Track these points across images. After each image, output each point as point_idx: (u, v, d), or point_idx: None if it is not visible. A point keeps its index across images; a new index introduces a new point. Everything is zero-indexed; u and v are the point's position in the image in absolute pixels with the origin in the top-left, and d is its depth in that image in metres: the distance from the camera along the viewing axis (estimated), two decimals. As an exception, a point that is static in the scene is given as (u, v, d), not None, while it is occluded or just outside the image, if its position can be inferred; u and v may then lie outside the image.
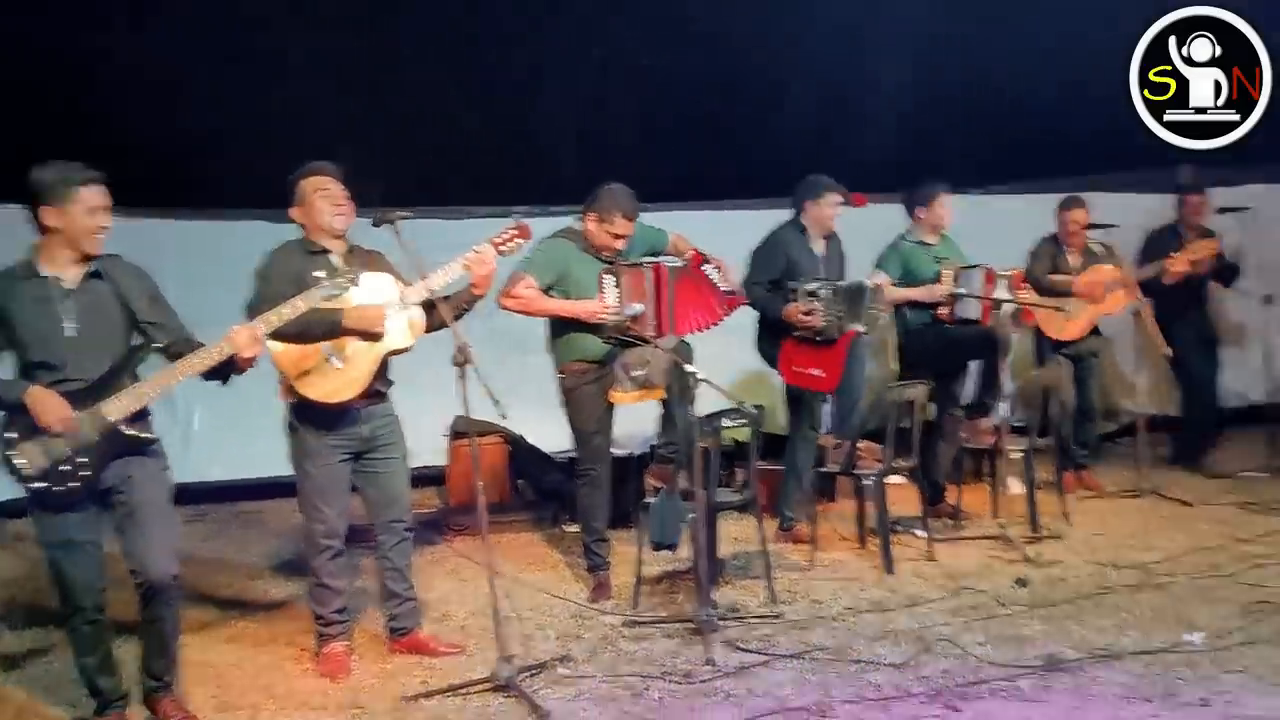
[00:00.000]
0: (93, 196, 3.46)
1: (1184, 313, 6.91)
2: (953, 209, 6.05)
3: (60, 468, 3.38)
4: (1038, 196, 7.39)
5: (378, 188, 5.01)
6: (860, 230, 6.32)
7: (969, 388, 6.06)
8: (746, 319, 5.60)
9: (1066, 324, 6.51)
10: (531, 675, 3.93)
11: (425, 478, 7.02)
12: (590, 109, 8.01)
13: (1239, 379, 8.04)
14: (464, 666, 4.10)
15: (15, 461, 3.36)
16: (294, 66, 6.79)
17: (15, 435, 3.36)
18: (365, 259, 4.21)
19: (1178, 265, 6.56)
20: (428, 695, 3.80)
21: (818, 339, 5.33)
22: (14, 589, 5.20)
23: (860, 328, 5.35)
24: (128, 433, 3.47)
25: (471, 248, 4.24)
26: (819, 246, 5.61)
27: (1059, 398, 5.86)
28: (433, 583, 5.25)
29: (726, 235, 5.81)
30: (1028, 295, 6.06)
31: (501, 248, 4.33)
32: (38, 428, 3.34)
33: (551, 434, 5.87)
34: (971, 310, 5.77)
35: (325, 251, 4.14)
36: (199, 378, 3.55)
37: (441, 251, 4.32)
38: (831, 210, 5.55)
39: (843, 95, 8.26)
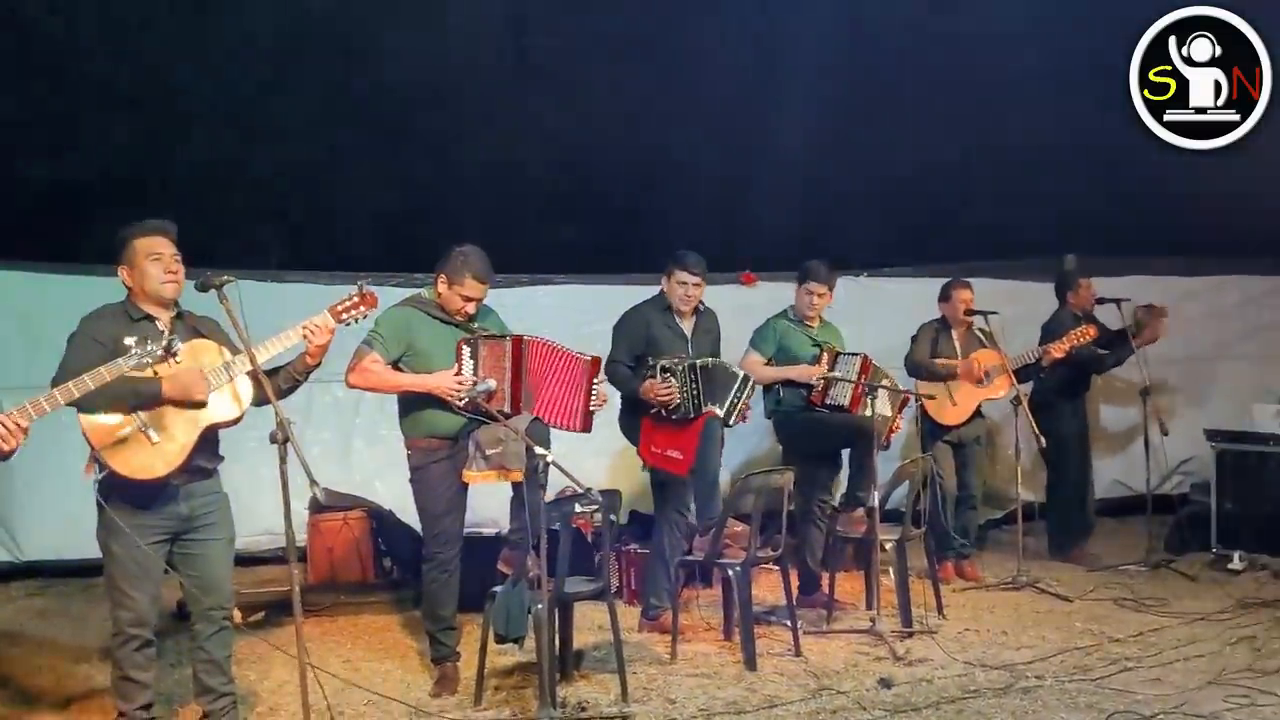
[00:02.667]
0: None
1: (1060, 403, 6.91)
2: (827, 299, 5.92)
3: None
4: (924, 280, 7.38)
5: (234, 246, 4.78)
6: (757, 309, 6.22)
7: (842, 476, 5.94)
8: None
9: (950, 408, 6.44)
10: (348, 782, 3.61)
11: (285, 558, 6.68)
12: (484, 172, 7.85)
13: (1120, 469, 8.09)
14: (277, 772, 3.76)
15: None
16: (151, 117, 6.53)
17: None
18: (194, 326, 3.93)
19: (1057, 351, 6.54)
20: (227, 807, 3.46)
21: (673, 417, 5.15)
22: None
23: (718, 410, 5.18)
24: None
25: (309, 317, 4.00)
26: (687, 324, 5.45)
27: (936, 485, 5.73)
28: (270, 671, 4.91)
29: (614, 311, 5.66)
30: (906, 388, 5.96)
31: (343, 316, 4.08)
32: None
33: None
34: (843, 396, 5.65)
35: (149, 318, 3.85)
36: None
37: (277, 318, 4.08)
38: (682, 288, 5.37)
39: (744, 173, 8.23)
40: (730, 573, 5.04)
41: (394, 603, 6.19)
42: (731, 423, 5.29)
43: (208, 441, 3.88)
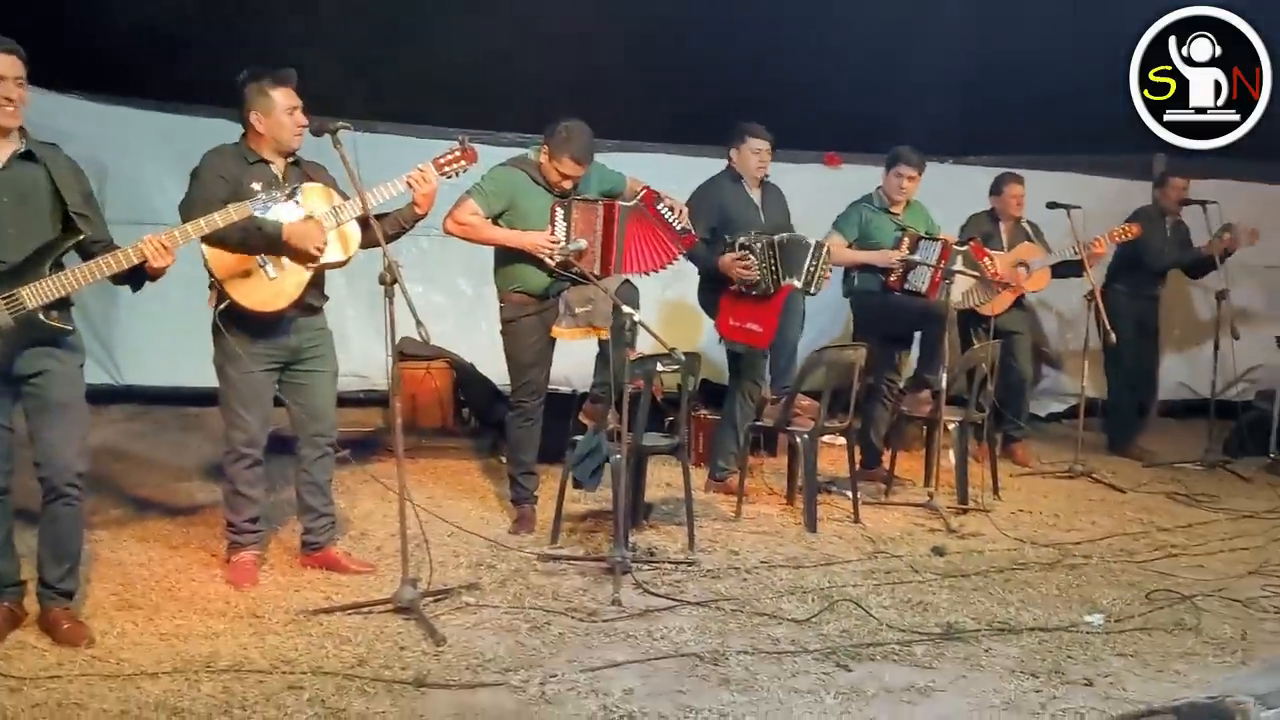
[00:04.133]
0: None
1: (1132, 299, 6.94)
2: (916, 184, 5.98)
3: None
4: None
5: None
6: (839, 190, 6.28)
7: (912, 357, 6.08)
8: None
9: (989, 300, 6.50)
10: (435, 600, 3.95)
11: (372, 400, 7.04)
12: (568, 43, 7.88)
13: (1187, 372, 8.12)
14: (372, 586, 4.11)
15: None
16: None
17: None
18: (306, 172, 4.16)
19: (1096, 248, 6.52)
20: (328, 611, 3.81)
21: (753, 292, 5.30)
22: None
23: (796, 283, 5.31)
24: (45, 321, 3.41)
25: (415, 166, 4.20)
26: (756, 195, 5.57)
27: (986, 374, 5.85)
28: (358, 502, 5.26)
29: (691, 183, 5.77)
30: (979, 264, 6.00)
31: (445, 169, 4.29)
32: None
33: (504, 365, 5.87)
34: (921, 281, 5.76)
35: (265, 161, 4.08)
36: (109, 280, 3.51)
37: (384, 168, 4.29)
38: (756, 156, 5.49)
39: (830, 54, 8.15)
40: (798, 439, 5.26)
41: (472, 450, 6.53)
42: (813, 290, 5.41)
43: (317, 281, 4.15)
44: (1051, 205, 6.50)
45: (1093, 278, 6.48)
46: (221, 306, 4.00)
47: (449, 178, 4.34)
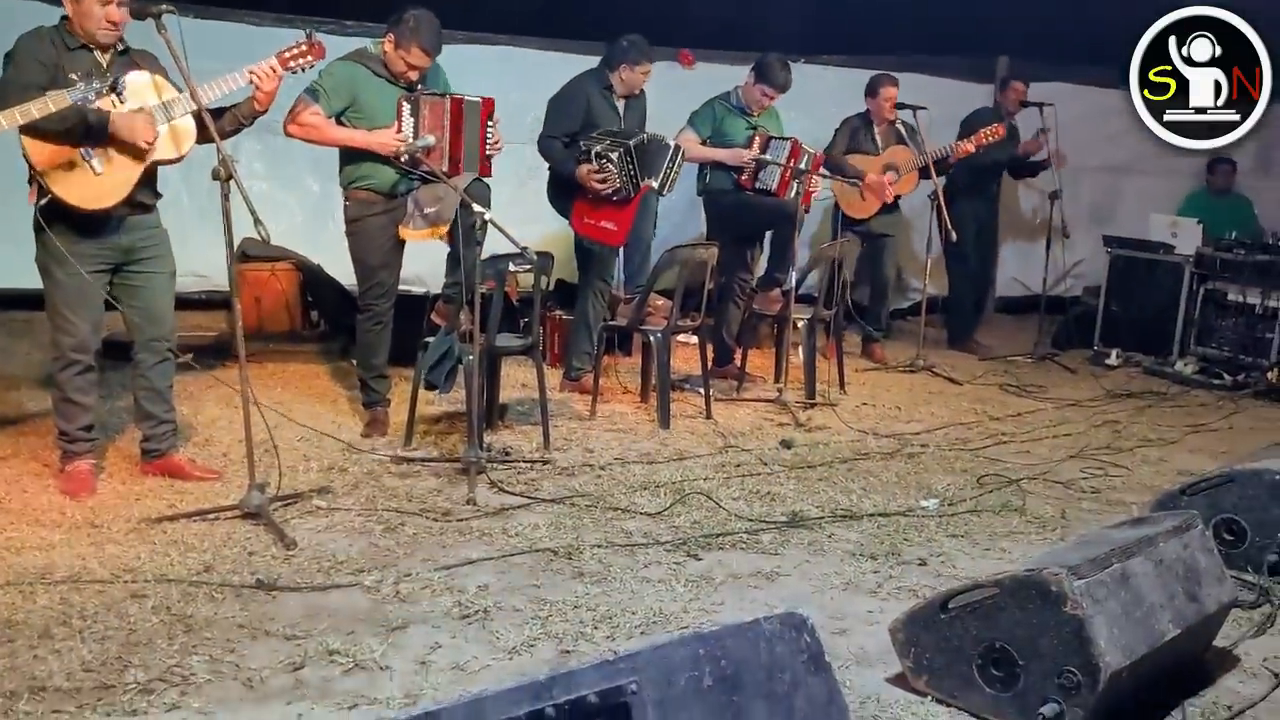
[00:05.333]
0: None
1: (971, 199, 7.20)
2: (778, 97, 6.00)
3: None
4: (857, 71, 7.45)
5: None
6: (692, 89, 6.25)
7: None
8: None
9: (859, 203, 6.68)
10: (285, 505, 3.89)
11: (214, 302, 6.77)
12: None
13: (1020, 269, 8.52)
14: (218, 493, 4.01)
15: None
16: None
17: None
18: (135, 60, 3.90)
19: (966, 146, 6.75)
20: (171, 519, 3.71)
21: (614, 199, 5.29)
22: None
23: (654, 183, 5.31)
24: None
25: (258, 60, 3.99)
26: (620, 105, 5.52)
27: (843, 272, 6.02)
28: (202, 408, 5.09)
29: (542, 79, 5.66)
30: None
31: (290, 64, 4.10)
32: None
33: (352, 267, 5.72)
34: (771, 180, 5.84)
35: (88, 48, 3.81)
36: None
37: (222, 59, 4.06)
38: (644, 78, 5.46)
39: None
40: (651, 338, 5.32)
41: (322, 353, 6.38)
42: (665, 191, 5.43)
43: (148, 177, 3.94)
44: (899, 106, 6.64)
45: (936, 179, 6.67)
46: (43, 202, 3.76)
47: (294, 73, 4.15)
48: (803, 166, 5.79)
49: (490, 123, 4.78)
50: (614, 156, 5.20)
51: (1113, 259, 7.48)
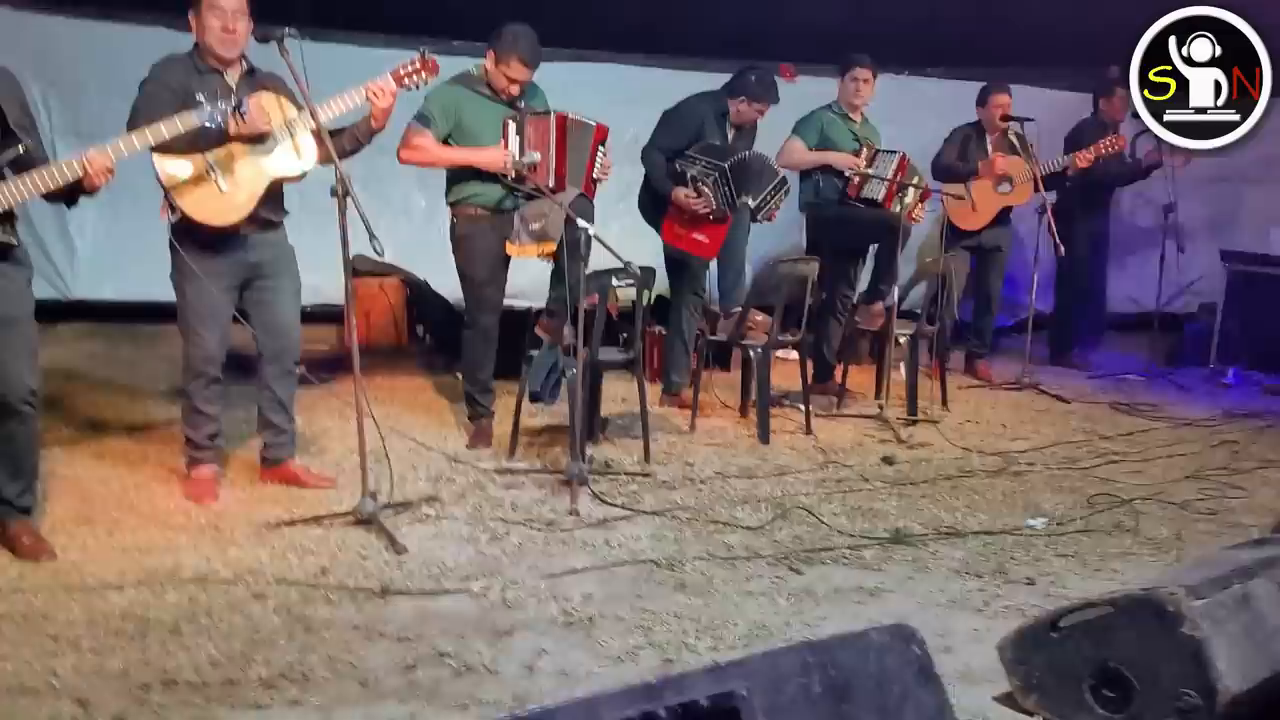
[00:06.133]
0: None
1: (1084, 213, 7.05)
2: (871, 87, 6.00)
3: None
4: (963, 84, 7.36)
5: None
6: (795, 104, 6.26)
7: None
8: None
9: (970, 214, 6.59)
10: (395, 513, 4.00)
11: (327, 315, 6.99)
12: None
13: (1134, 285, 8.29)
14: (332, 500, 4.15)
15: None
16: None
17: None
18: (260, 83, 4.08)
19: (1085, 157, 6.62)
20: (289, 523, 3.85)
21: (710, 219, 5.32)
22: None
23: (750, 201, 5.34)
24: (-11, 235, 3.36)
25: (373, 78, 4.13)
26: (731, 133, 5.56)
27: (950, 287, 5.95)
28: (315, 419, 5.26)
29: (645, 95, 5.73)
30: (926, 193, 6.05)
31: (404, 80, 4.23)
32: None
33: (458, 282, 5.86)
34: (878, 192, 5.81)
35: (217, 71, 3.99)
36: (42, 198, 3.45)
37: (339, 80, 4.21)
38: (758, 115, 5.51)
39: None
40: (752, 353, 5.33)
41: (428, 367, 6.53)
42: (759, 219, 5.46)
43: (273, 194, 4.10)
44: (1006, 119, 6.55)
45: (1043, 189, 6.54)
46: (174, 219, 3.95)
47: (409, 89, 4.28)
48: (913, 184, 5.75)
49: (601, 149, 4.88)
50: (709, 181, 5.24)
51: (1231, 274, 7.23)
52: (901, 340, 5.80)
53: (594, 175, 4.90)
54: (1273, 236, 7.30)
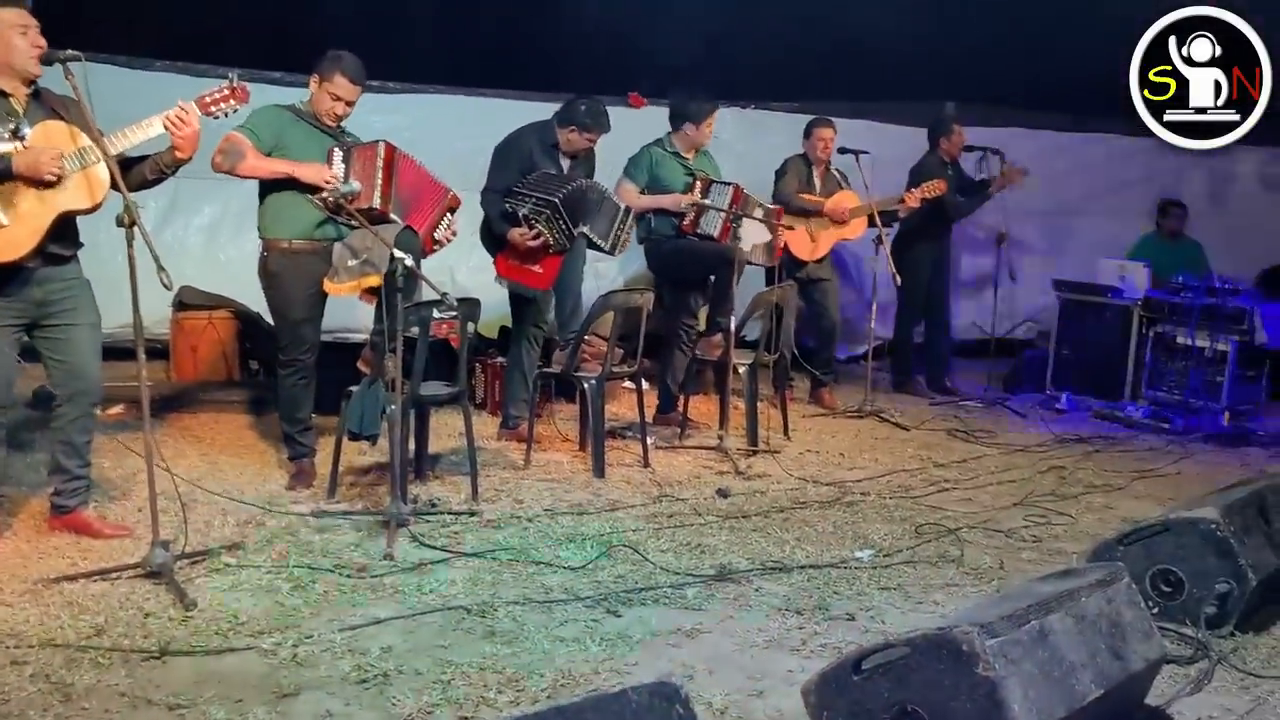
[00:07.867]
0: None
1: (926, 241, 7.18)
2: (712, 127, 5.98)
3: None
4: (809, 117, 7.42)
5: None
6: (642, 133, 6.20)
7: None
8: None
9: (809, 245, 6.65)
10: (192, 563, 3.74)
11: (151, 352, 6.61)
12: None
13: (977, 313, 8.49)
14: (125, 551, 3.86)
15: None
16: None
17: None
18: (51, 105, 3.81)
19: (910, 200, 6.76)
20: (70, 578, 3.56)
21: (550, 252, 5.24)
22: None
23: (589, 233, 5.26)
24: None
25: (177, 103, 3.89)
26: (566, 164, 5.46)
27: (786, 317, 5.95)
28: (124, 460, 4.93)
29: (487, 127, 5.60)
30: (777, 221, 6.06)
31: (211, 108, 4.02)
32: None
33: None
34: (713, 226, 5.78)
35: (3, 93, 3.71)
36: None
37: (147, 108, 3.95)
38: (587, 144, 5.42)
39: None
40: (586, 385, 5.22)
41: (256, 403, 6.22)
42: (616, 253, 5.44)
43: (63, 228, 3.82)
44: (842, 150, 6.63)
45: (880, 224, 6.64)
46: (-48, 257, 3.64)
47: (215, 118, 4.06)
48: (757, 215, 5.75)
49: (449, 216, 4.78)
50: (542, 219, 5.15)
51: (1063, 303, 7.46)
52: (740, 370, 5.76)
53: (435, 236, 4.77)
54: (1100, 267, 7.53)
